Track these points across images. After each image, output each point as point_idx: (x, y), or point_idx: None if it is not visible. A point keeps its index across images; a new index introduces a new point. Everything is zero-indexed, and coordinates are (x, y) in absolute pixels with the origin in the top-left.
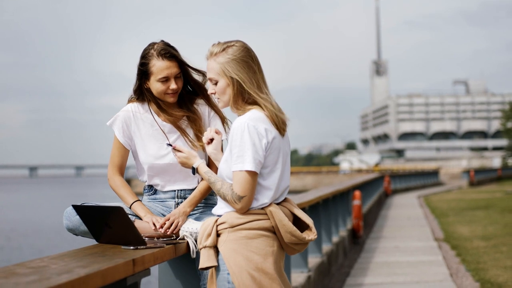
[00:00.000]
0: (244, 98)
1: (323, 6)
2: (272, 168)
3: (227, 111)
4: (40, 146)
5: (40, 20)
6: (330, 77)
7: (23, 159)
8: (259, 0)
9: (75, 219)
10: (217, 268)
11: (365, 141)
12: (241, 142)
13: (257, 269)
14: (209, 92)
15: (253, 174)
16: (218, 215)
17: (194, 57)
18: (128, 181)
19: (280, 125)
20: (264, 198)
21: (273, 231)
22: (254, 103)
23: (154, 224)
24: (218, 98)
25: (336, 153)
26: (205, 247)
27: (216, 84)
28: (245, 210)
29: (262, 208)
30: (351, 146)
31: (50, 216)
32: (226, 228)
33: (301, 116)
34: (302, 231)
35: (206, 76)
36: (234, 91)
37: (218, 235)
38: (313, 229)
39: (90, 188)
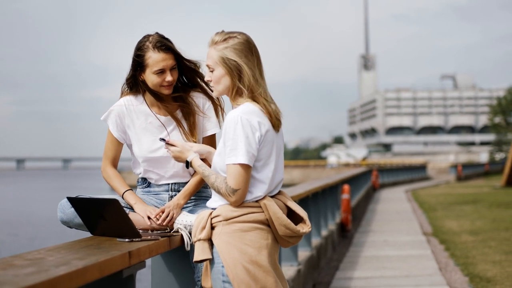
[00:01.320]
0: (239, 90)
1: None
2: (265, 161)
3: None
4: (27, 138)
5: (30, 11)
6: (318, 71)
7: (10, 151)
8: None
9: (69, 212)
10: (211, 261)
11: (352, 135)
12: (234, 135)
13: (251, 262)
14: (205, 78)
15: (246, 167)
16: (212, 208)
17: (182, 47)
18: None
19: (274, 121)
20: (258, 191)
21: (267, 224)
22: (249, 96)
23: (148, 217)
24: (213, 86)
25: (324, 147)
26: (199, 240)
27: (213, 72)
28: (239, 203)
29: (257, 201)
30: (338, 140)
31: (39, 209)
32: (221, 221)
33: (289, 110)
34: (296, 224)
35: (199, 67)
36: (229, 82)
37: (212, 228)
38: (307, 222)
39: (77, 181)
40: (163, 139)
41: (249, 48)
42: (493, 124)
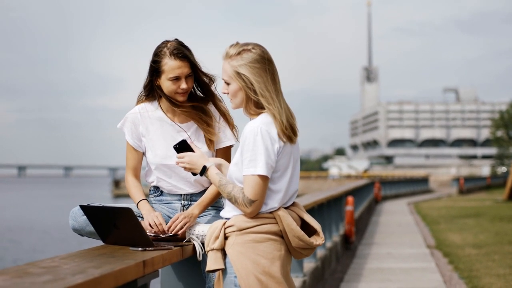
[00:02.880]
0: (255, 103)
1: (314, 11)
2: (282, 172)
3: (239, 113)
4: (29, 145)
5: (30, 18)
6: (320, 82)
7: (12, 159)
8: (249, 4)
9: (81, 220)
10: (224, 271)
11: (354, 147)
12: (254, 146)
13: (264, 273)
14: (222, 91)
15: (264, 179)
16: (226, 218)
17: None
18: (117, 183)
19: (288, 135)
20: (273, 202)
21: (281, 235)
22: (264, 108)
23: (150, 225)
24: (231, 99)
25: (325, 158)
26: (212, 249)
27: (229, 85)
28: (255, 214)
29: (271, 212)
30: (340, 152)
31: (41, 216)
32: (234, 231)
33: None
34: (309, 235)
35: (213, 81)
36: (244, 96)
37: (225, 238)
38: (321, 234)
39: (79, 189)
40: (176, 146)
41: (263, 62)
42: (495, 138)
